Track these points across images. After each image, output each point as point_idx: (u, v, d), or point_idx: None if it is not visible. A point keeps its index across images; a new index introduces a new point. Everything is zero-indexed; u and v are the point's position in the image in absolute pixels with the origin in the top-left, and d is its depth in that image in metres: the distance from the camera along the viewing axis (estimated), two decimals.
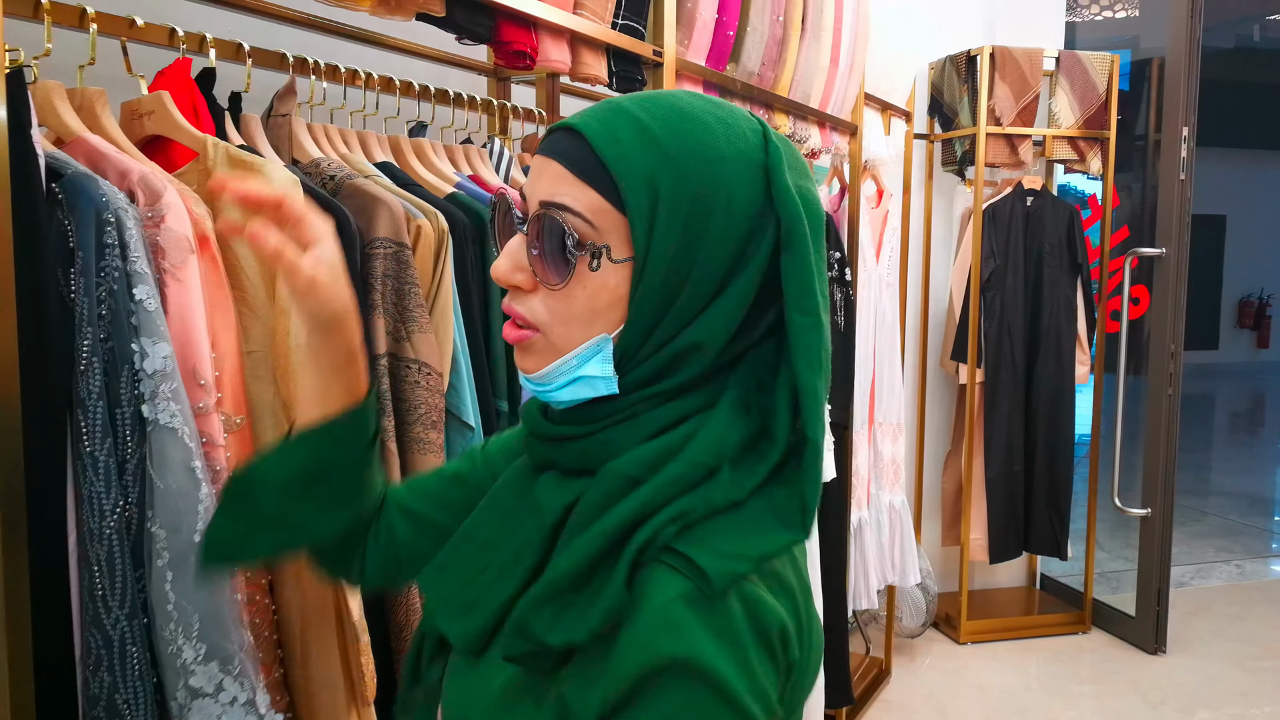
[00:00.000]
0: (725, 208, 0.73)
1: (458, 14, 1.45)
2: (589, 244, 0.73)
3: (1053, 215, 4.06)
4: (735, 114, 0.77)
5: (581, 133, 0.74)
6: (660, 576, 0.68)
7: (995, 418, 4.01)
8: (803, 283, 0.74)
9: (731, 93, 2.28)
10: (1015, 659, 3.90)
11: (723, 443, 0.74)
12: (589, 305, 0.75)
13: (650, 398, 0.77)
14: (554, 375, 0.77)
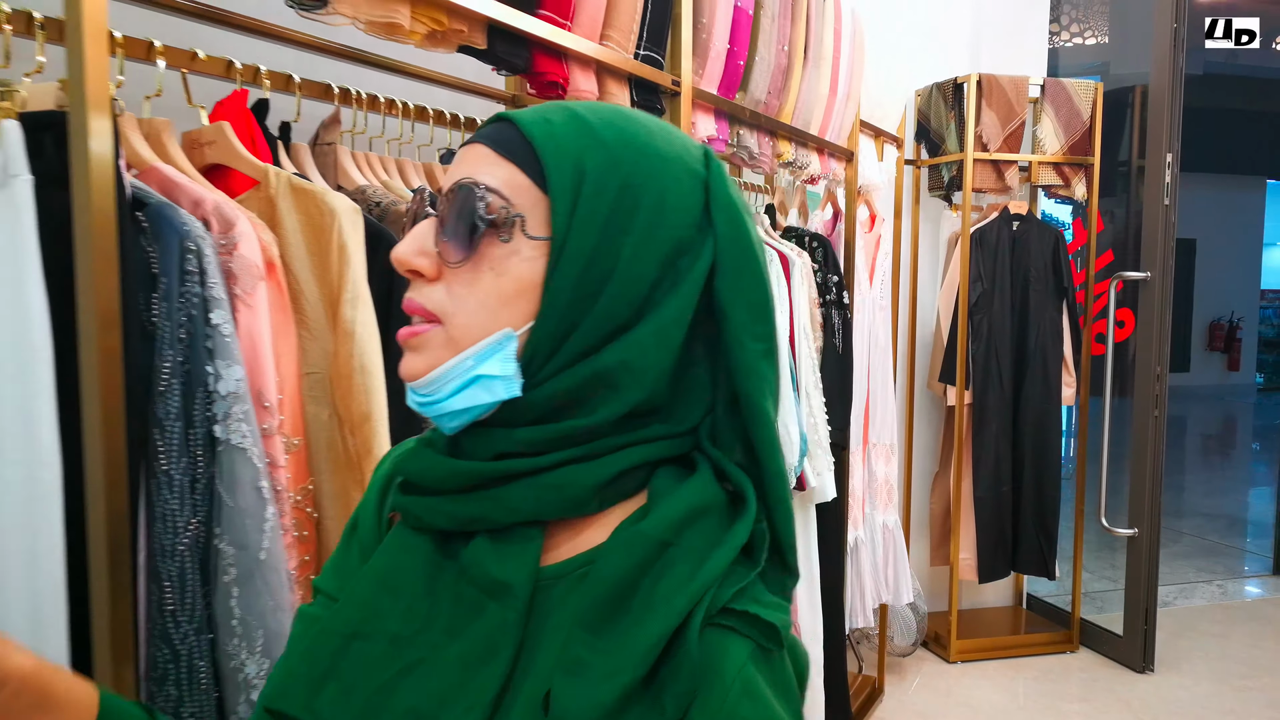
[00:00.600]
0: (656, 204, 0.68)
1: (498, 46, 1.50)
2: (502, 215, 0.67)
3: (1038, 240, 4.14)
4: (679, 132, 0.73)
5: (514, 120, 0.70)
6: (727, 642, 0.64)
7: (983, 438, 4.07)
8: (754, 304, 0.70)
9: (740, 120, 2.34)
10: (1005, 678, 3.95)
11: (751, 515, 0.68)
12: (496, 291, 0.67)
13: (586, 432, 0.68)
14: (446, 378, 0.67)
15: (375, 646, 0.69)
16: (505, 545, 0.68)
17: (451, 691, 0.66)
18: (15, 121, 0.99)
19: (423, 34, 1.35)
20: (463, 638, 0.67)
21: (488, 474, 0.68)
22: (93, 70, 0.90)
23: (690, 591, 0.63)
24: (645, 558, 0.65)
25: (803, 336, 2.63)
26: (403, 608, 0.69)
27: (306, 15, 1.20)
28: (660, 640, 0.62)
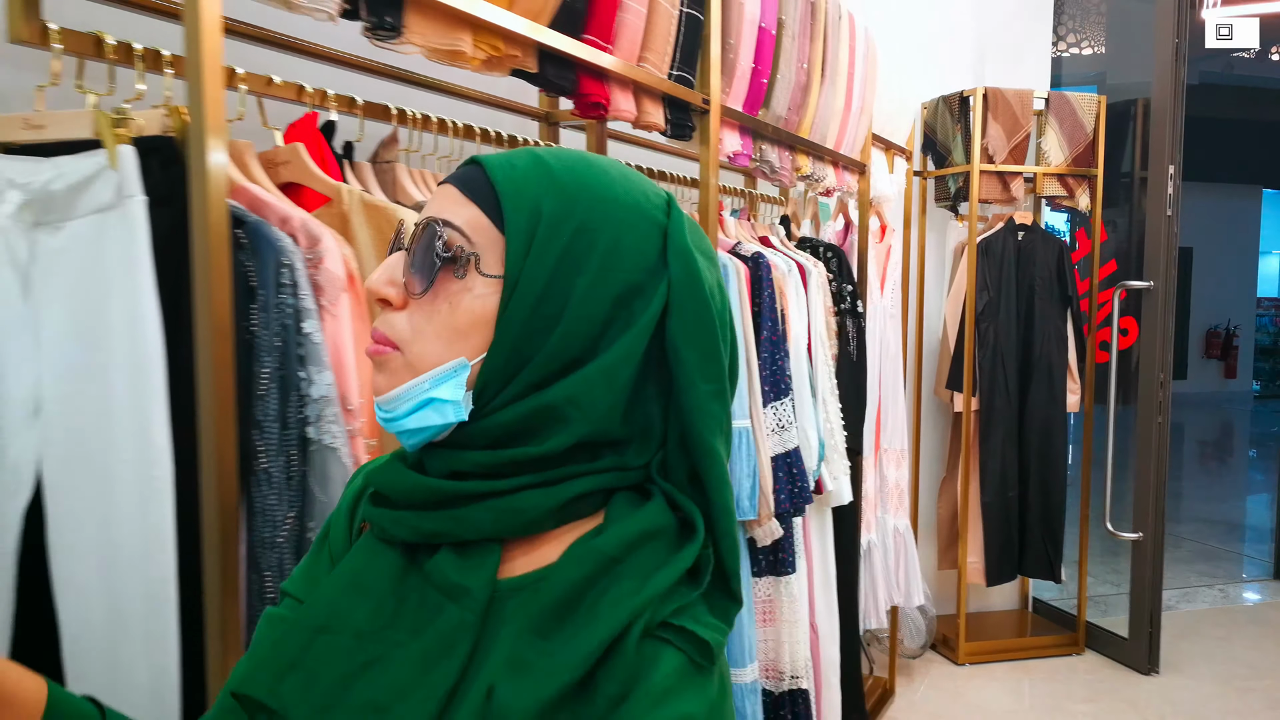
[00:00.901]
0: (610, 248, 0.72)
1: (548, 70, 1.58)
2: (460, 252, 0.71)
3: (1043, 249, 4.23)
4: (644, 181, 0.78)
5: (481, 163, 0.75)
6: (661, 652, 0.69)
7: (990, 444, 4.15)
8: (705, 347, 0.74)
9: (763, 135, 2.43)
10: (1013, 679, 4.03)
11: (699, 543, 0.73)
12: (450, 322, 0.72)
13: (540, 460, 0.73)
14: (404, 397, 0.72)
15: (340, 640, 0.73)
16: (466, 557, 0.73)
17: (409, 685, 0.70)
18: (130, 146, 1.07)
19: (481, 59, 1.44)
20: (423, 636, 0.72)
21: (449, 492, 0.73)
22: (210, 101, 0.98)
23: (633, 605, 0.68)
24: (595, 571, 0.70)
25: (819, 344, 2.71)
26: (369, 607, 0.74)
27: (381, 45, 1.28)
28: (600, 646, 0.67)
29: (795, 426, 2.44)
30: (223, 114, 0.99)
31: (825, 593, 2.86)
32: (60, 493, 1.11)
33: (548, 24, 1.54)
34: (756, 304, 2.37)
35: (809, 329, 2.63)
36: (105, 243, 1.08)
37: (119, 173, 1.07)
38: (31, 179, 1.11)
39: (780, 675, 2.57)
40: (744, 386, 2.27)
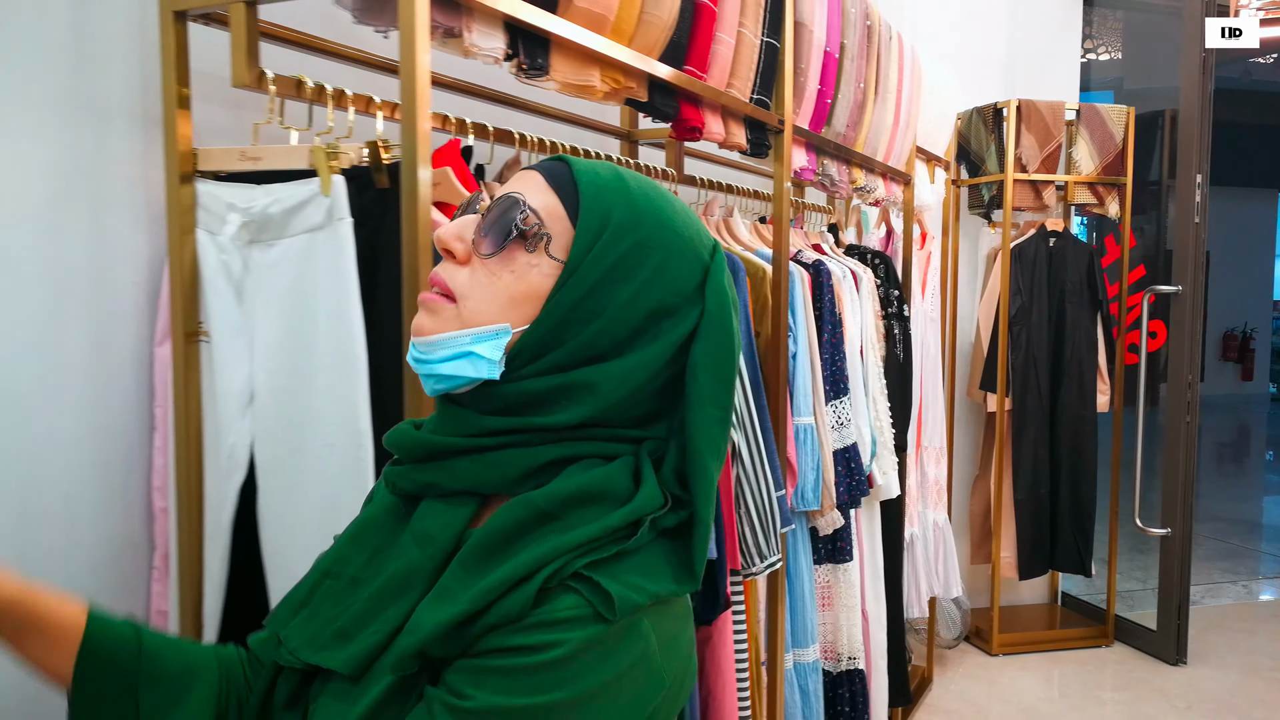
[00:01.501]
0: (657, 266, 0.79)
1: (656, 98, 1.76)
2: (534, 230, 0.78)
3: (1074, 255, 4.39)
4: (699, 222, 0.86)
5: (568, 162, 0.82)
6: (562, 596, 0.72)
7: (1022, 443, 4.31)
8: (720, 376, 0.81)
9: (826, 151, 2.60)
10: (1045, 669, 4.18)
11: (643, 508, 0.77)
12: (509, 290, 0.78)
13: (540, 430, 0.79)
14: (445, 344, 0.77)
15: (338, 584, 0.82)
16: (446, 507, 0.79)
17: (366, 616, 0.78)
18: (341, 176, 1.25)
19: (605, 91, 1.61)
20: (394, 573, 0.78)
21: (441, 446, 0.80)
22: (421, 136, 1.16)
23: (541, 553, 0.72)
24: (524, 520, 0.75)
25: (869, 347, 2.88)
26: (365, 556, 0.82)
27: (527, 82, 1.46)
28: (503, 584, 0.71)
29: (853, 424, 2.61)
30: (429, 148, 1.17)
31: (874, 582, 3.02)
32: (270, 472, 1.29)
33: (658, 58, 1.72)
34: (818, 308, 2.55)
35: (861, 332, 2.80)
36: (315, 258, 1.27)
37: (330, 198, 1.25)
38: (250, 203, 1.29)
39: (838, 656, 2.74)
40: (808, 385, 2.44)
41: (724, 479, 1.93)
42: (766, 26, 2.10)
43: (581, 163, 0.82)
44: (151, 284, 1.48)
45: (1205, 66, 4.07)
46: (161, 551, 1.49)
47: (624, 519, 0.76)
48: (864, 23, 2.72)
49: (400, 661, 0.73)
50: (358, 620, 0.78)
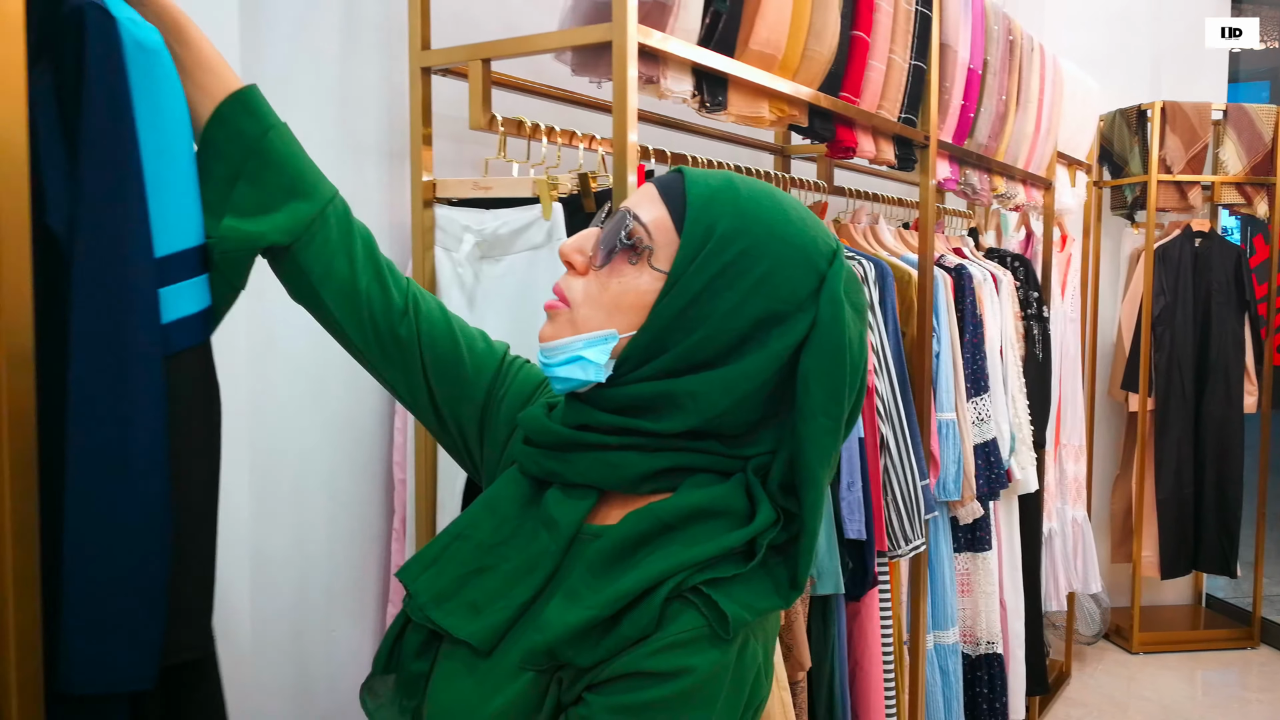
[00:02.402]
0: (764, 276, 0.80)
1: (815, 124, 1.96)
2: (640, 243, 0.82)
3: (1220, 255, 4.37)
4: (822, 230, 0.86)
5: (683, 173, 0.86)
6: (684, 613, 0.78)
7: (1165, 443, 4.32)
8: (831, 388, 0.81)
9: (968, 162, 2.75)
10: (1187, 669, 4.20)
11: (759, 528, 0.81)
12: (615, 298, 0.82)
13: (650, 434, 0.84)
14: (561, 348, 0.83)
15: (467, 547, 0.88)
16: (567, 497, 0.86)
17: (497, 593, 0.85)
18: (558, 204, 1.50)
19: (771, 120, 1.82)
20: (519, 555, 0.86)
21: (567, 439, 0.86)
22: (630, 166, 1.40)
23: (665, 567, 0.78)
24: (646, 531, 0.81)
25: (1009, 347, 3.01)
26: (494, 524, 0.89)
27: (707, 115, 1.68)
28: (628, 595, 0.77)
29: (992, 420, 2.76)
30: (635, 176, 1.41)
31: (1012, 573, 3.15)
32: None
33: (817, 88, 1.92)
34: (960, 309, 2.70)
35: (1000, 332, 2.94)
36: (537, 271, 1.52)
37: (550, 222, 1.50)
38: (482, 226, 1.55)
39: (977, 640, 2.89)
40: (950, 382, 2.60)
41: (873, 467, 2.11)
42: (914, 51, 2.28)
43: (695, 174, 0.85)
44: None
45: None
46: (400, 515, 1.78)
47: (741, 539, 0.81)
48: (1006, 38, 2.85)
49: (531, 657, 0.80)
50: (489, 596, 0.85)
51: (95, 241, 0.82)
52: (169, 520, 0.88)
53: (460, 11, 1.84)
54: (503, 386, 1.03)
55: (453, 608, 0.85)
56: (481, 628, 0.83)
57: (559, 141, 1.65)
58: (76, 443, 0.83)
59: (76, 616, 0.83)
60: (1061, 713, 3.76)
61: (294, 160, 1.00)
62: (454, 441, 1.06)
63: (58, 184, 0.82)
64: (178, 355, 0.92)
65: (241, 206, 0.98)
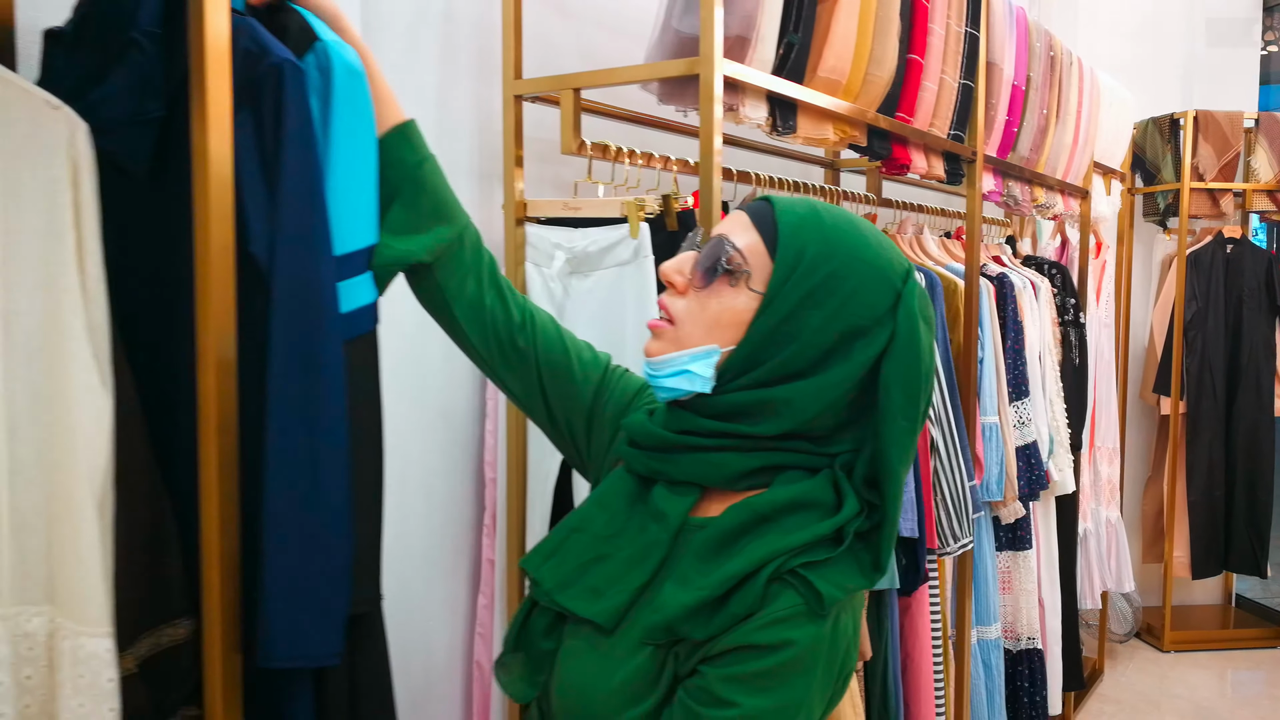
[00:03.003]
0: (848, 294, 0.90)
1: (874, 143, 2.07)
2: (736, 267, 0.91)
3: (1251, 261, 4.45)
4: (895, 252, 0.96)
5: (771, 202, 0.95)
6: (783, 592, 0.88)
7: (1197, 446, 4.40)
8: (909, 392, 0.91)
9: (1011, 175, 2.85)
10: (1218, 667, 4.27)
11: (844, 516, 0.91)
12: (716, 316, 0.92)
13: (747, 437, 0.93)
14: (668, 362, 0.93)
15: (583, 539, 0.99)
16: (673, 493, 0.96)
17: (615, 579, 0.95)
18: (645, 223, 1.62)
19: (835, 140, 1.93)
20: (632, 545, 0.96)
21: (671, 442, 0.95)
22: (715, 190, 1.51)
23: (766, 552, 0.89)
24: (745, 522, 0.91)
25: (1046, 352, 3.11)
26: (606, 518, 0.99)
27: (776, 136, 1.79)
28: (734, 577, 0.88)
29: (1033, 423, 2.85)
30: (720, 196, 1.52)
31: (1049, 571, 3.24)
32: None
33: (876, 109, 2.03)
34: (1001, 316, 2.80)
35: (1040, 338, 3.03)
36: (624, 286, 1.64)
37: (637, 240, 1.62)
38: (572, 244, 1.67)
39: (1018, 636, 2.99)
40: (993, 387, 2.70)
41: (924, 468, 2.22)
42: (963, 70, 2.38)
43: (783, 202, 0.94)
44: None
45: None
46: (490, 511, 1.90)
47: (831, 528, 0.91)
48: (1047, 54, 2.95)
49: (651, 633, 0.90)
50: (609, 580, 0.96)
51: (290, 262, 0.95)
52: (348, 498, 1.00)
53: (541, 38, 1.96)
54: (606, 391, 1.14)
55: (575, 592, 0.96)
56: (604, 609, 0.94)
57: (639, 163, 1.77)
58: (274, 436, 0.96)
59: (275, 598, 0.95)
60: (1095, 708, 3.85)
61: (441, 189, 1.15)
62: (564, 440, 1.18)
63: (259, 217, 0.94)
64: (353, 340, 1.06)
65: (394, 226, 1.12)
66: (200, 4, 0.91)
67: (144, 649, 1.01)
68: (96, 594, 0.92)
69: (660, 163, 1.83)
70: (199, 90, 0.92)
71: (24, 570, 0.92)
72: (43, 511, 0.92)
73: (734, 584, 0.89)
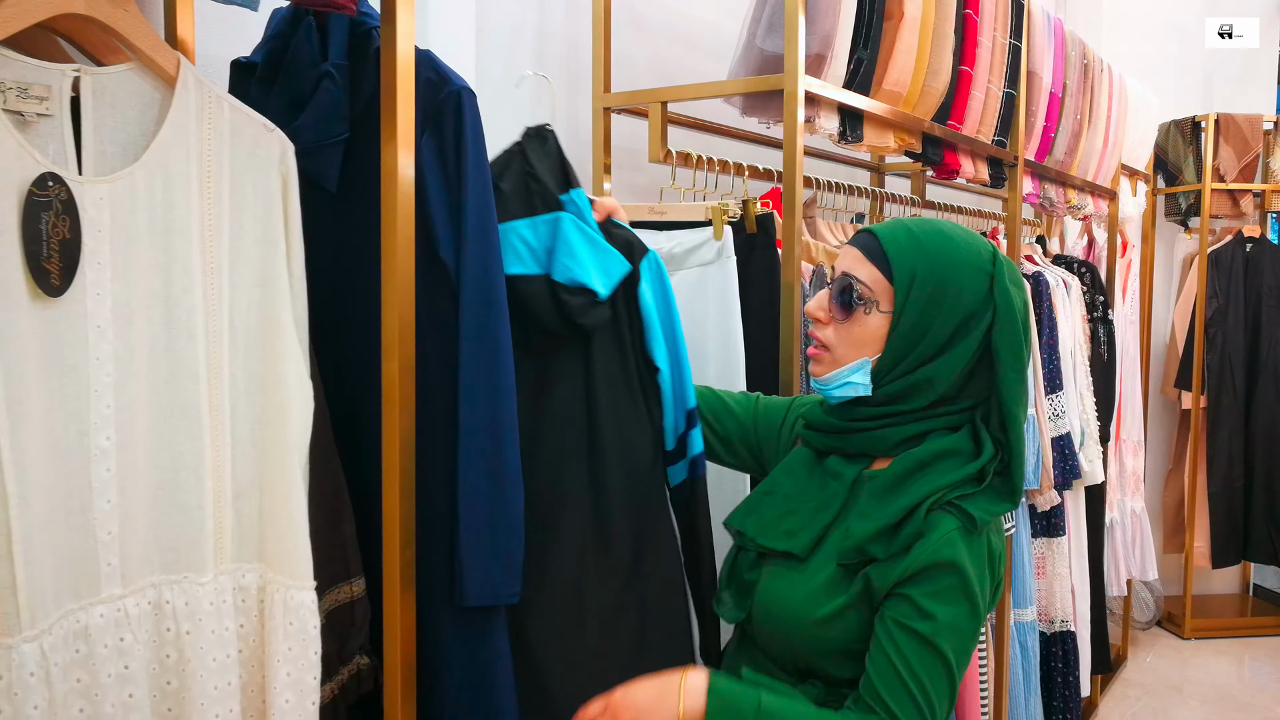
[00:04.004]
0: (956, 295, 1.16)
1: (928, 150, 2.20)
2: (866, 298, 1.19)
3: (1271, 260, 4.56)
4: (976, 240, 1.21)
5: (876, 235, 1.21)
6: (944, 518, 1.14)
7: (1217, 439, 4.52)
8: (1014, 350, 1.17)
9: (1047, 178, 2.98)
10: (1236, 653, 4.39)
11: (984, 460, 1.17)
12: (859, 338, 1.20)
13: (903, 413, 1.20)
14: (833, 381, 1.21)
15: (775, 499, 1.29)
16: (848, 462, 1.26)
17: (804, 523, 1.24)
18: (728, 226, 1.75)
19: (895, 148, 2.07)
20: (816, 498, 1.25)
21: (844, 428, 1.25)
22: (798, 196, 1.65)
23: (925, 490, 1.16)
24: (909, 469, 1.19)
25: (1077, 347, 3.23)
26: (793, 482, 1.29)
27: (844, 144, 1.92)
28: (903, 509, 1.15)
29: (1066, 416, 2.98)
30: (801, 202, 1.65)
31: (1079, 559, 3.37)
32: None
33: (931, 118, 2.16)
34: (1038, 313, 2.93)
35: (1072, 334, 3.16)
36: (706, 284, 1.77)
37: (720, 242, 1.75)
38: (658, 245, 1.80)
39: (1051, 620, 3.12)
40: (1031, 382, 2.83)
41: None
42: (1007, 79, 2.51)
43: (885, 233, 1.21)
44: None
45: None
46: None
47: (975, 469, 1.18)
48: (1081, 62, 3.08)
49: (844, 554, 1.17)
50: (799, 525, 1.25)
51: (475, 266, 1.09)
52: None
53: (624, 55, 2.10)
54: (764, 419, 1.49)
55: (773, 535, 1.25)
56: (798, 543, 1.22)
57: (717, 170, 1.90)
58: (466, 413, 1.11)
59: (469, 548, 1.10)
60: (1120, 692, 3.98)
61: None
62: (747, 466, 1.54)
63: (444, 225, 1.08)
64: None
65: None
66: (392, 38, 1.05)
67: (326, 604, 1.15)
68: (303, 553, 1.05)
69: (734, 169, 1.96)
70: (389, 113, 1.06)
71: (240, 532, 1.06)
72: (257, 482, 1.06)
73: (904, 514, 1.15)
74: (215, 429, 1.02)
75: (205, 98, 1.00)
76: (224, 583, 1.04)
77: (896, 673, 1.11)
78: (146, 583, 0.99)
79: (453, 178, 1.09)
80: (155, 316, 0.98)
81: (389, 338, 1.09)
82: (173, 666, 1.00)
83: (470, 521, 1.11)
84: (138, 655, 0.96)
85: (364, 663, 1.19)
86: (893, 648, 1.12)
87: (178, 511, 1.01)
